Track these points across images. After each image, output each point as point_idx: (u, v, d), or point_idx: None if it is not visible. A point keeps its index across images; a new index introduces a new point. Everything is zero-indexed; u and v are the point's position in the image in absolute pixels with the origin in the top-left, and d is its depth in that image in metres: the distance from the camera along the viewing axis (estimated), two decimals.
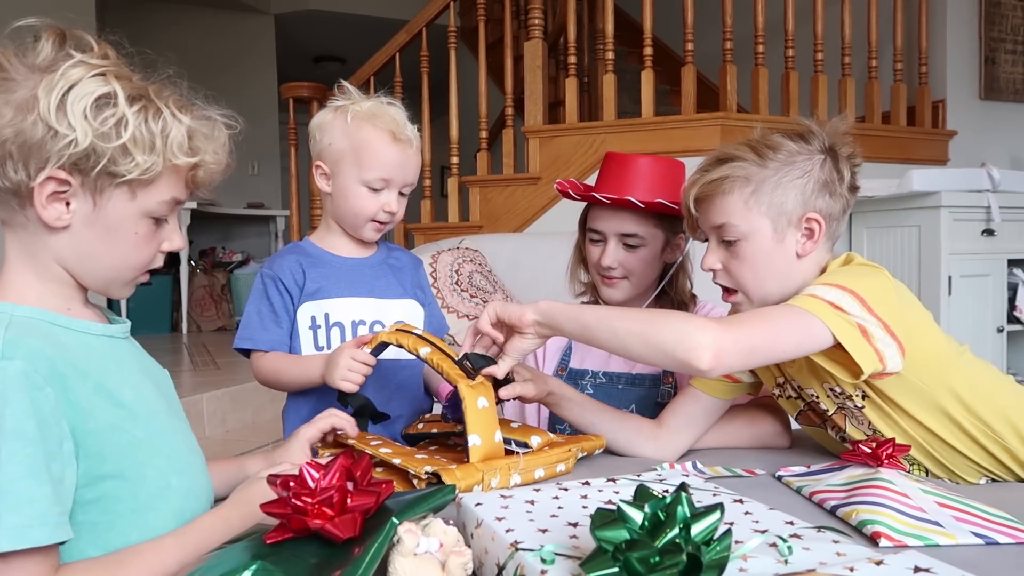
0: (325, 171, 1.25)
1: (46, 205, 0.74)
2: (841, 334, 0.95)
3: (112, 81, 0.74)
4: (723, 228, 1.08)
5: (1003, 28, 3.56)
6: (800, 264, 1.08)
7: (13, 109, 0.72)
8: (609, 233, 1.34)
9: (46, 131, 0.71)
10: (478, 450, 0.99)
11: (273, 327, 1.24)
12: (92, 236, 0.77)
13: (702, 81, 3.53)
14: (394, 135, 1.20)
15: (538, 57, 3.34)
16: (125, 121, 0.74)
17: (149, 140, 0.75)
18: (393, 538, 0.61)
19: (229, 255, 5.45)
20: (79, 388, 0.73)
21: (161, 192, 0.79)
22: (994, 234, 2.72)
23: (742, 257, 1.08)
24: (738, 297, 1.12)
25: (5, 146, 0.72)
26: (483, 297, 2.71)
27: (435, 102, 3.65)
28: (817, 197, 1.06)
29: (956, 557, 0.68)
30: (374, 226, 1.26)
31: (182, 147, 0.78)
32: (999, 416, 1.06)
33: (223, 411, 2.70)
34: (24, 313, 0.74)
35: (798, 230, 1.07)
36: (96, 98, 0.73)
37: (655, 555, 0.53)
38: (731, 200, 1.06)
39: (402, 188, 1.25)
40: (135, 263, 0.82)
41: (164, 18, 5.85)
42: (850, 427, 1.12)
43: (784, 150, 1.06)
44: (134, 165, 0.74)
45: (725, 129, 2.92)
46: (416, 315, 1.33)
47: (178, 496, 0.82)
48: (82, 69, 0.73)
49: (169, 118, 0.77)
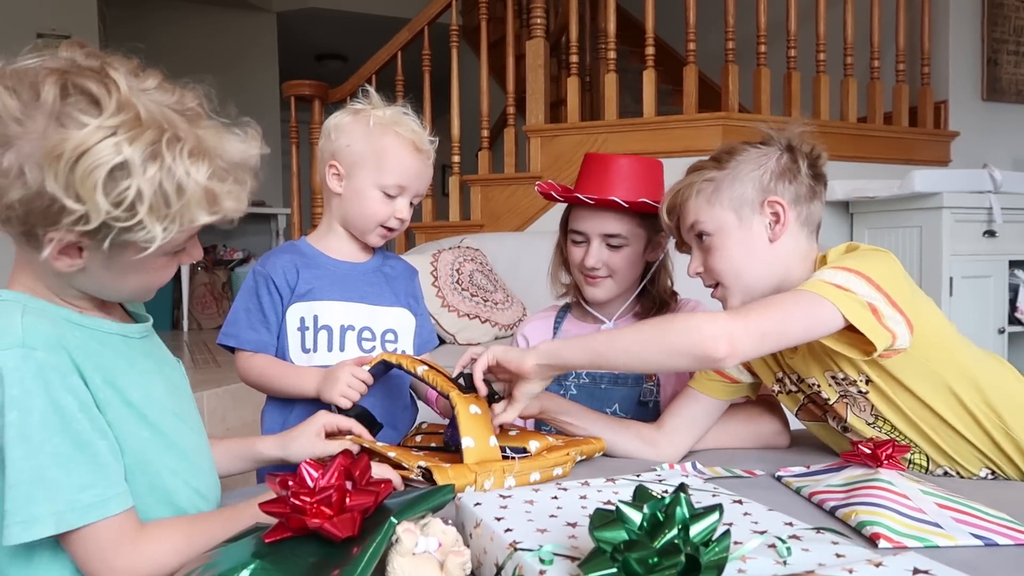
0: (339, 171, 1.25)
1: (57, 257, 0.70)
2: (851, 314, 0.96)
3: (124, 148, 0.66)
4: (694, 228, 1.14)
5: (1006, 29, 3.55)
6: (776, 250, 1.11)
7: (16, 169, 0.65)
8: (592, 234, 1.34)
9: (52, 202, 0.66)
10: (472, 452, 0.99)
11: (260, 327, 1.23)
12: (108, 275, 0.76)
13: (704, 81, 3.53)
14: (416, 145, 1.22)
15: (540, 56, 3.34)
16: (140, 195, 0.67)
17: (165, 208, 0.69)
18: (392, 537, 0.61)
19: (230, 253, 5.45)
20: (93, 380, 0.74)
21: (179, 240, 0.75)
22: (995, 235, 2.72)
23: (716, 251, 1.12)
24: (720, 292, 1.15)
25: (12, 208, 0.67)
26: (484, 296, 2.71)
27: (437, 101, 3.65)
28: (776, 183, 1.11)
29: (955, 558, 0.68)
30: (381, 232, 1.26)
31: (201, 204, 0.72)
32: (1006, 401, 1.07)
33: (223, 408, 2.70)
34: (35, 304, 0.74)
35: (763, 215, 1.11)
36: (109, 170, 0.66)
37: (654, 556, 0.53)
38: (697, 202, 1.13)
39: (413, 197, 1.26)
40: (155, 286, 0.81)
41: (165, 16, 5.85)
42: (851, 415, 1.12)
43: (743, 153, 1.13)
44: (151, 237, 0.69)
45: (727, 129, 2.91)
46: (407, 324, 1.32)
47: (183, 497, 0.82)
48: (94, 134, 0.65)
49: (184, 178, 0.69)
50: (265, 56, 6.43)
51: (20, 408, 0.67)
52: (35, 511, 0.67)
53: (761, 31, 3.07)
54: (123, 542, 0.71)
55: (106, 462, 0.71)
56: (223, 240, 5.66)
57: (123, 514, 0.72)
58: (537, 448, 1.07)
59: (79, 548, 0.70)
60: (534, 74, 3.35)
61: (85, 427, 0.70)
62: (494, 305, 2.70)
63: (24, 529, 0.66)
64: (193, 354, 3.54)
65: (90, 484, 0.69)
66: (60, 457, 0.68)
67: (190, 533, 0.75)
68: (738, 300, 1.13)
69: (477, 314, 2.65)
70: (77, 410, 0.70)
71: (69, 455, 0.69)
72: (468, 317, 2.64)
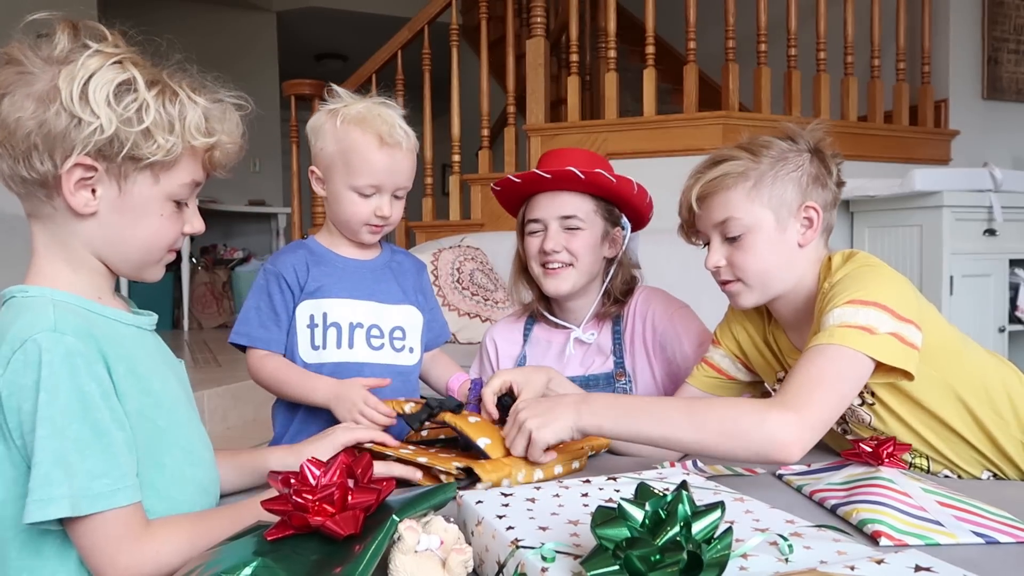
0: (319, 176, 1.24)
1: (74, 192, 0.76)
2: (886, 356, 0.96)
3: (130, 67, 0.76)
4: (727, 223, 1.10)
5: (1006, 28, 3.55)
6: (801, 253, 1.11)
7: (34, 101, 0.73)
8: (549, 218, 1.35)
9: (70, 120, 0.73)
10: (493, 447, 1.00)
11: (272, 326, 1.23)
12: (120, 221, 0.79)
13: (704, 80, 3.53)
14: (381, 139, 1.17)
15: (540, 55, 3.34)
16: (146, 105, 0.75)
17: (169, 123, 0.77)
18: (394, 535, 0.61)
19: (230, 252, 5.45)
20: (117, 369, 0.76)
21: (182, 175, 0.81)
22: (996, 234, 2.72)
23: (746, 249, 1.10)
24: (737, 287, 1.13)
25: (30, 138, 0.73)
26: (484, 295, 2.71)
27: (437, 100, 3.65)
28: (812, 189, 1.10)
29: (957, 556, 0.68)
30: (369, 229, 1.24)
31: (199, 128, 0.80)
32: (1012, 402, 1.07)
33: (224, 407, 2.71)
34: (60, 297, 0.77)
35: (797, 220, 1.10)
36: (117, 84, 0.74)
37: (655, 553, 0.53)
38: (733, 195, 1.09)
39: (395, 192, 1.22)
40: (163, 243, 0.84)
41: (166, 15, 5.85)
42: (851, 418, 1.12)
43: (775, 148, 1.11)
44: (156, 147, 0.76)
45: (727, 128, 2.91)
46: (415, 322, 1.32)
47: (191, 487, 0.83)
48: (100, 58, 0.75)
49: (186, 100, 0.79)
50: (265, 55, 6.43)
51: (48, 389, 0.69)
52: (53, 492, 0.68)
53: (761, 30, 3.07)
54: (128, 537, 0.72)
55: (120, 452, 0.73)
56: (224, 239, 5.67)
57: (130, 508, 0.73)
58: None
59: (85, 540, 0.71)
60: (534, 73, 3.35)
61: (104, 416, 0.72)
62: (495, 304, 2.70)
63: (40, 508, 0.67)
64: (194, 353, 3.54)
65: (102, 473, 0.70)
66: (79, 442, 0.70)
67: (193, 532, 0.76)
68: (753, 299, 1.13)
69: (478, 313, 2.65)
70: (99, 398, 0.72)
71: (87, 441, 0.70)
72: (469, 316, 2.64)
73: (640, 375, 1.38)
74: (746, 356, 1.25)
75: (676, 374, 1.36)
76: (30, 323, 0.72)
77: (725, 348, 1.26)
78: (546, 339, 1.46)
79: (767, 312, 1.21)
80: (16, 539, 0.72)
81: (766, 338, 1.22)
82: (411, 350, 1.31)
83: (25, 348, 0.70)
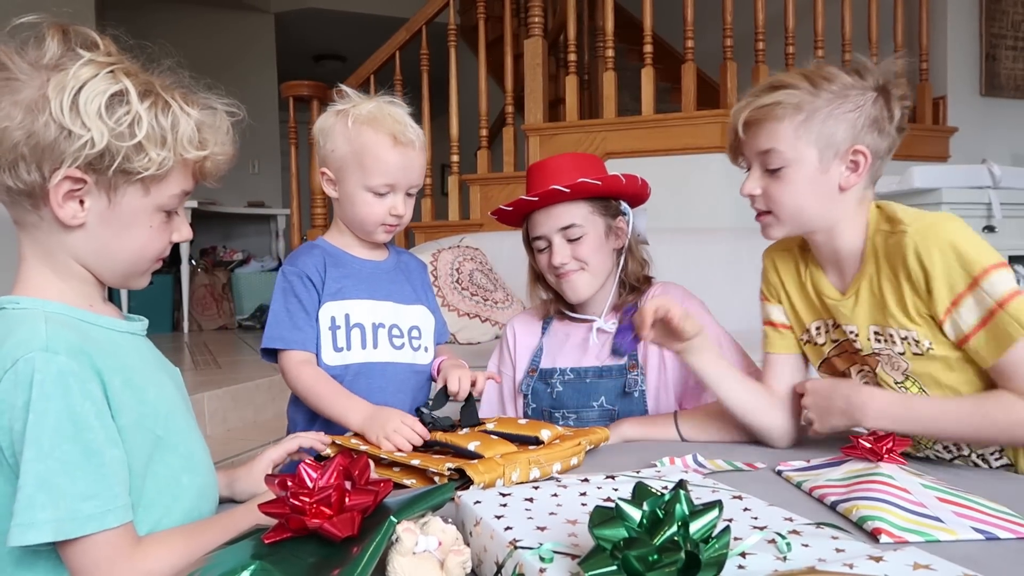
0: (331, 177, 1.24)
1: (62, 204, 0.74)
2: None
3: (122, 78, 0.74)
4: (769, 154, 1.08)
5: (1004, 24, 3.55)
6: (841, 197, 1.08)
7: (22, 110, 0.71)
8: (550, 233, 1.36)
9: (59, 132, 0.71)
10: (485, 447, 1.00)
11: (304, 325, 1.20)
12: (107, 232, 0.78)
13: (702, 78, 3.52)
14: (395, 138, 1.18)
15: (538, 55, 3.34)
16: (139, 119, 0.74)
17: (161, 136, 0.75)
18: (391, 537, 0.61)
19: (230, 254, 5.45)
20: (112, 383, 0.74)
21: (172, 186, 0.80)
22: (995, 231, 2.71)
23: (784, 183, 1.08)
24: (768, 219, 1.12)
25: (17, 148, 0.71)
26: (484, 295, 2.71)
27: (435, 100, 3.65)
28: (867, 132, 1.06)
29: (956, 553, 0.68)
30: (385, 228, 1.26)
31: (192, 141, 0.78)
32: None
33: (224, 410, 2.70)
34: (52, 309, 0.75)
35: (843, 162, 1.06)
36: (109, 96, 0.72)
37: (653, 553, 0.53)
38: (781, 127, 1.06)
39: (408, 190, 1.24)
40: (151, 254, 0.83)
41: (164, 17, 5.85)
42: (882, 371, 1.10)
43: (838, 82, 1.06)
44: (148, 161, 0.75)
45: (726, 127, 2.90)
46: (428, 321, 1.33)
47: (189, 495, 0.83)
48: (92, 67, 0.72)
49: (179, 112, 0.77)
50: (263, 57, 6.43)
51: (36, 411, 0.68)
52: (36, 516, 0.66)
53: (759, 28, 3.07)
54: (120, 558, 0.71)
55: (111, 473, 0.71)
56: (223, 241, 5.67)
57: (120, 528, 0.71)
58: (549, 437, 1.08)
59: (76, 562, 0.70)
60: (532, 73, 3.35)
61: (98, 435, 0.71)
62: (494, 304, 2.70)
63: (22, 532, 0.66)
64: (194, 355, 3.54)
65: (93, 494, 0.69)
66: (68, 464, 0.68)
67: (186, 547, 0.75)
68: (782, 233, 1.12)
69: (477, 313, 2.65)
70: (93, 417, 0.71)
71: (77, 463, 0.69)
72: (468, 316, 2.64)
73: (651, 368, 1.38)
74: (791, 301, 1.22)
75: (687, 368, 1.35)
76: (23, 341, 0.70)
77: (774, 300, 1.24)
78: (564, 332, 1.47)
79: (799, 255, 1.19)
80: (11, 555, 0.71)
81: (801, 280, 1.20)
82: (426, 349, 1.32)
83: (16, 368, 0.68)
